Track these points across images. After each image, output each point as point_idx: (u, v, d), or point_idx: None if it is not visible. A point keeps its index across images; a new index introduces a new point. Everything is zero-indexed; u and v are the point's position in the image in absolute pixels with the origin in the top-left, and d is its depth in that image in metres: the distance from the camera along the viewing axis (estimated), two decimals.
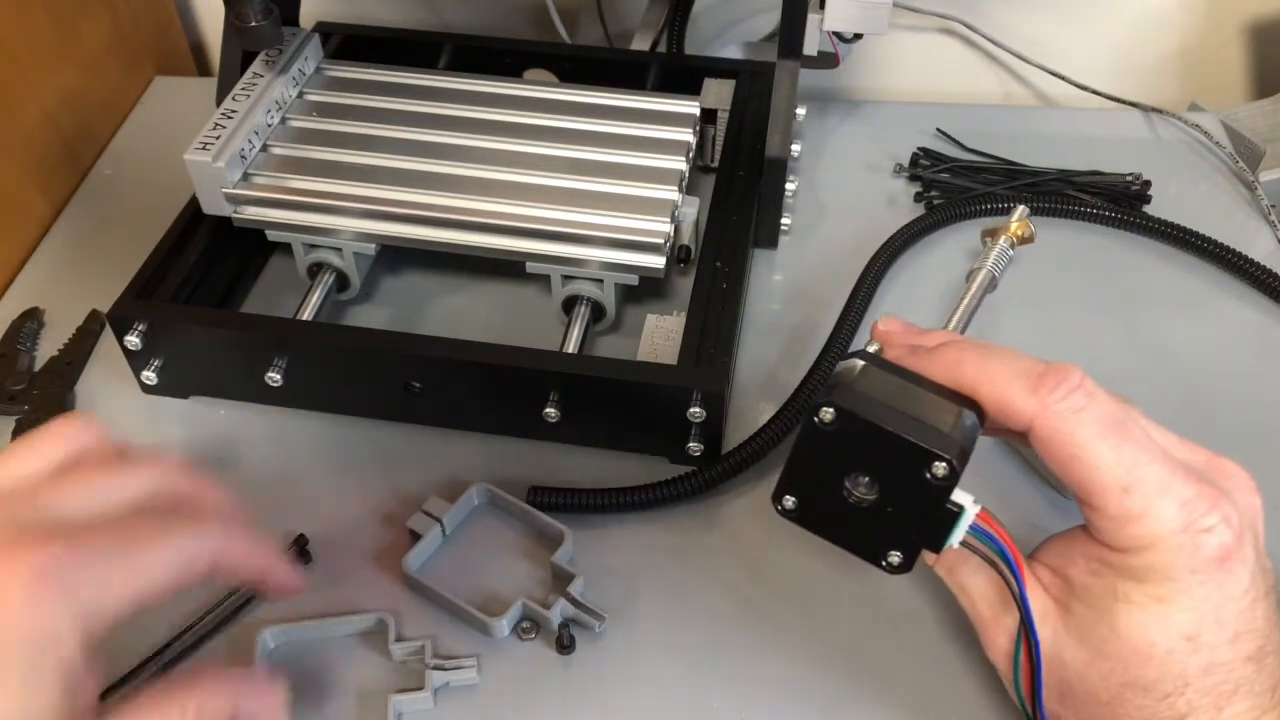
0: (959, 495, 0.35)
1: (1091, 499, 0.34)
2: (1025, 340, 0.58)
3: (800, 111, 0.61)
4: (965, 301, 0.51)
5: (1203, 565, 0.33)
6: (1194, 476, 0.34)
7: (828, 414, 0.35)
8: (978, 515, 0.35)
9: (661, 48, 0.71)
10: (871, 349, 0.39)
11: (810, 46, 0.59)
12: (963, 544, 0.36)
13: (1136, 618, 0.34)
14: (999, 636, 0.39)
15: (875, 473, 0.35)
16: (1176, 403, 0.54)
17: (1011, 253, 0.56)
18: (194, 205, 0.57)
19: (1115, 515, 0.34)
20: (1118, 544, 0.34)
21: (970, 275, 0.55)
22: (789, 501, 0.38)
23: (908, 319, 0.43)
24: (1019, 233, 0.58)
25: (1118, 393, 0.35)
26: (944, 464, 0.33)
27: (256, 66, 0.60)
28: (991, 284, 0.54)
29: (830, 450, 0.35)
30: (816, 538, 0.38)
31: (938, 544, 0.36)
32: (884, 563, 0.37)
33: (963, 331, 0.50)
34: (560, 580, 0.47)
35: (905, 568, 0.36)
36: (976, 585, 0.39)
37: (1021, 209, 0.58)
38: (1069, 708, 0.36)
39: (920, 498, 0.34)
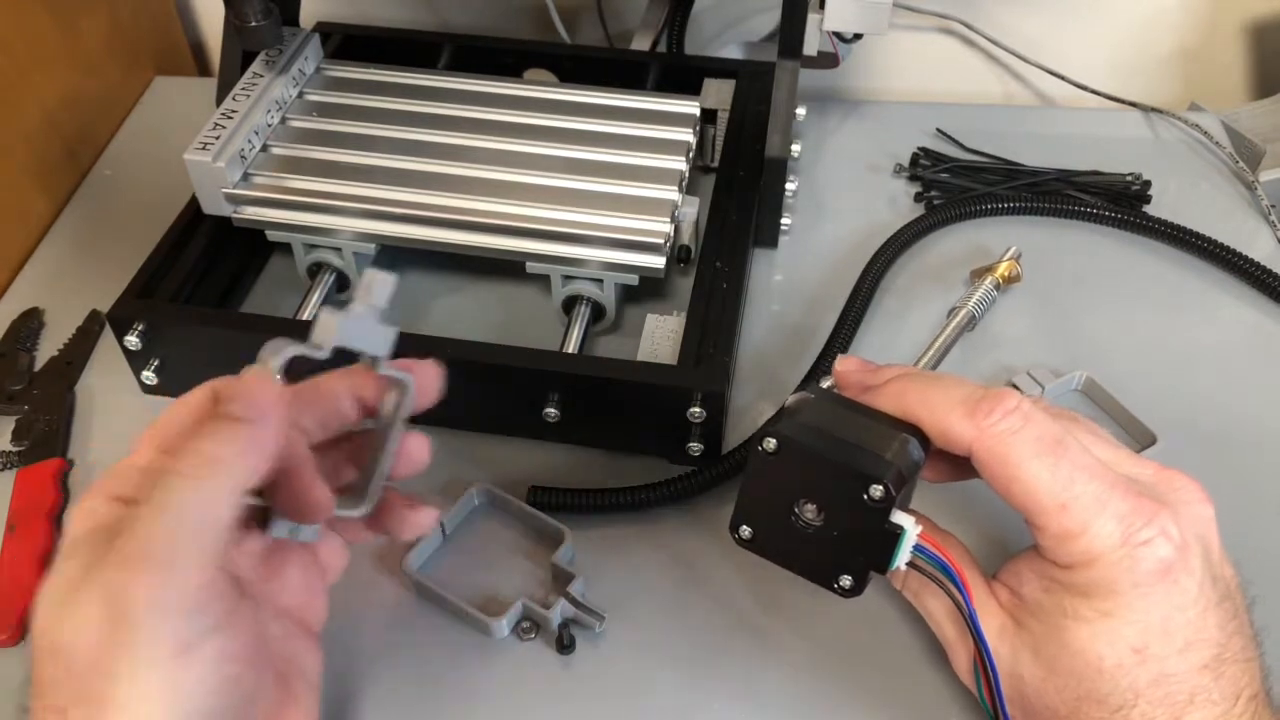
0: (899, 517, 0.36)
1: (1033, 518, 0.35)
2: (1025, 340, 0.58)
3: (800, 111, 0.61)
4: (940, 339, 0.53)
5: (1144, 579, 0.34)
6: (1133, 491, 0.35)
7: (770, 443, 0.37)
8: (919, 535, 0.36)
9: (661, 48, 0.71)
10: (826, 384, 0.41)
11: (810, 46, 0.59)
12: (909, 565, 0.37)
13: (1085, 633, 0.35)
14: (962, 656, 0.40)
15: (819, 498, 0.37)
16: (1176, 402, 0.54)
17: (995, 294, 0.58)
18: (194, 205, 0.57)
19: (1056, 533, 0.35)
20: (1062, 561, 0.35)
21: (951, 313, 0.56)
22: (745, 531, 0.39)
23: (906, 320, 0.44)
24: (1006, 273, 0.59)
25: (1117, 389, 0.36)
26: (879, 486, 0.35)
27: (256, 66, 0.60)
28: (971, 323, 0.56)
29: (777, 478, 0.37)
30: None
31: (884, 565, 0.37)
32: (836, 586, 0.38)
33: (934, 368, 0.51)
34: (560, 580, 0.47)
35: (856, 591, 0.38)
36: (939, 607, 0.40)
37: (1013, 250, 0.60)
38: None
39: (862, 521, 0.36)
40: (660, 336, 0.56)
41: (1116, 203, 0.66)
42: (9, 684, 0.45)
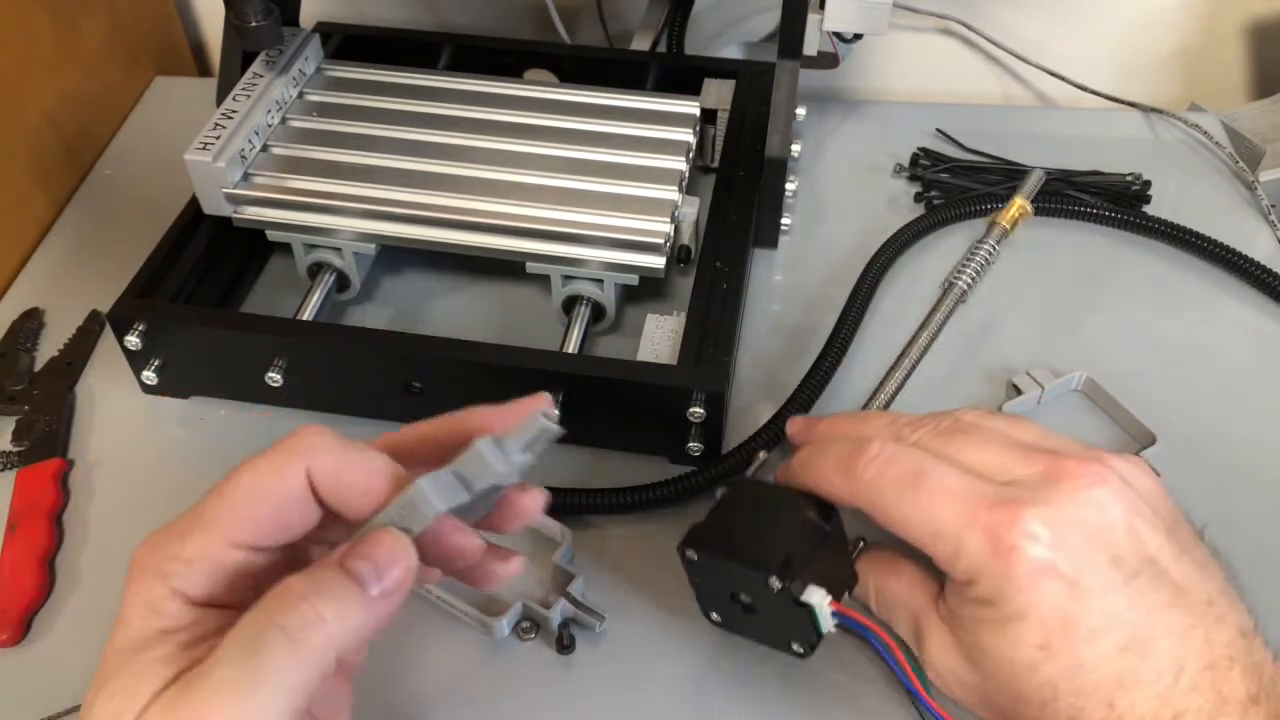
0: (808, 594, 0.39)
1: (924, 549, 0.37)
2: (1026, 340, 0.58)
3: (800, 111, 0.61)
4: (934, 320, 0.54)
5: (1025, 582, 0.35)
6: (996, 500, 0.36)
7: (691, 554, 0.41)
8: (832, 605, 0.39)
9: (661, 48, 0.71)
10: (761, 456, 0.48)
11: (810, 46, 0.59)
12: (837, 628, 0.40)
13: (995, 640, 0.36)
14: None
15: (744, 589, 0.41)
16: (1176, 402, 0.54)
17: (995, 252, 0.57)
18: (194, 205, 0.57)
19: (941, 559, 0.37)
20: (959, 579, 0.37)
21: (945, 286, 0.56)
22: (714, 616, 0.44)
23: (905, 320, 0.44)
24: (1016, 216, 0.58)
25: (1117, 389, 0.36)
26: (775, 578, 0.39)
27: (257, 66, 0.60)
28: (962, 297, 0.56)
29: (709, 577, 0.42)
30: None
31: (814, 636, 0.40)
32: (793, 650, 0.42)
33: (925, 351, 0.52)
34: (560, 580, 0.47)
35: (810, 652, 0.42)
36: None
37: (1037, 176, 0.59)
38: None
39: (778, 603, 0.40)
40: (660, 336, 0.56)
41: (1116, 203, 0.66)
42: (9, 684, 0.45)
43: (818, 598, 0.39)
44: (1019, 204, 0.58)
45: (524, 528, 0.39)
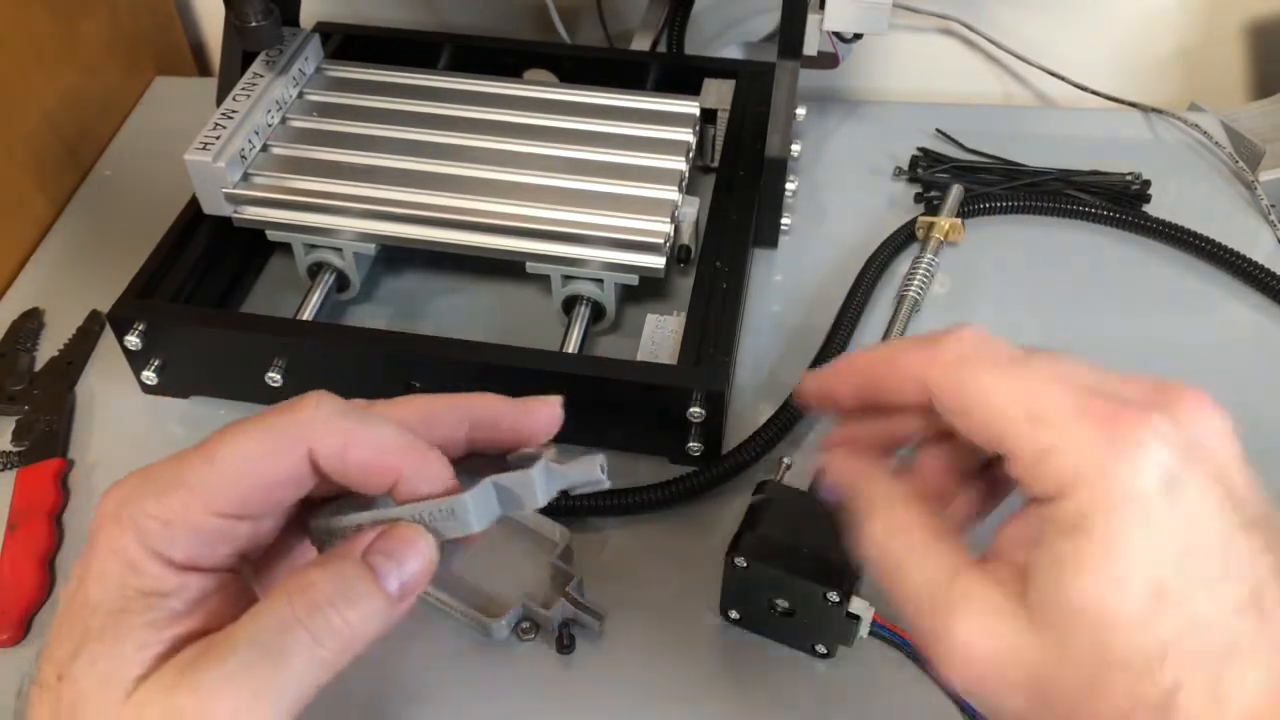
0: (855, 605, 0.42)
1: (1002, 444, 0.30)
2: (1026, 340, 0.57)
3: (800, 111, 0.61)
4: (895, 328, 0.57)
5: (1145, 493, 0.27)
6: (1116, 398, 0.30)
7: (741, 561, 0.42)
8: (873, 617, 0.42)
9: (661, 48, 0.71)
10: (785, 462, 0.47)
11: (810, 46, 0.59)
12: (870, 634, 0.43)
13: (1089, 583, 0.27)
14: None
15: (788, 597, 0.43)
16: None
17: (936, 263, 0.62)
18: (194, 205, 0.57)
19: (1030, 453, 0.29)
20: (1046, 490, 0.29)
21: (898, 300, 0.58)
22: (734, 614, 0.46)
23: None
24: (946, 232, 0.63)
25: None
26: (835, 592, 0.41)
27: (256, 66, 0.60)
28: (915, 306, 0.60)
29: (749, 581, 0.43)
30: None
31: (848, 641, 0.44)
32: (814, 650, 0.45)
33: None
34: (560, 580, 0.47)
35: (831, 654, 0.45)
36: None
37: (953, 195, 0.64)
38: (1054, 714, 0.29)
39: (824, 612, 0.42)
40: (660, 336, 0.56)
41: (1116, 203, 0.66)
42: (9, 684, 0.45)
43: (864, 609, 0.42)
44: (946, 223, 0.63)
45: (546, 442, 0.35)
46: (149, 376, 0.54)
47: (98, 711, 0.28)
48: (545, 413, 0.34)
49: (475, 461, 0.34)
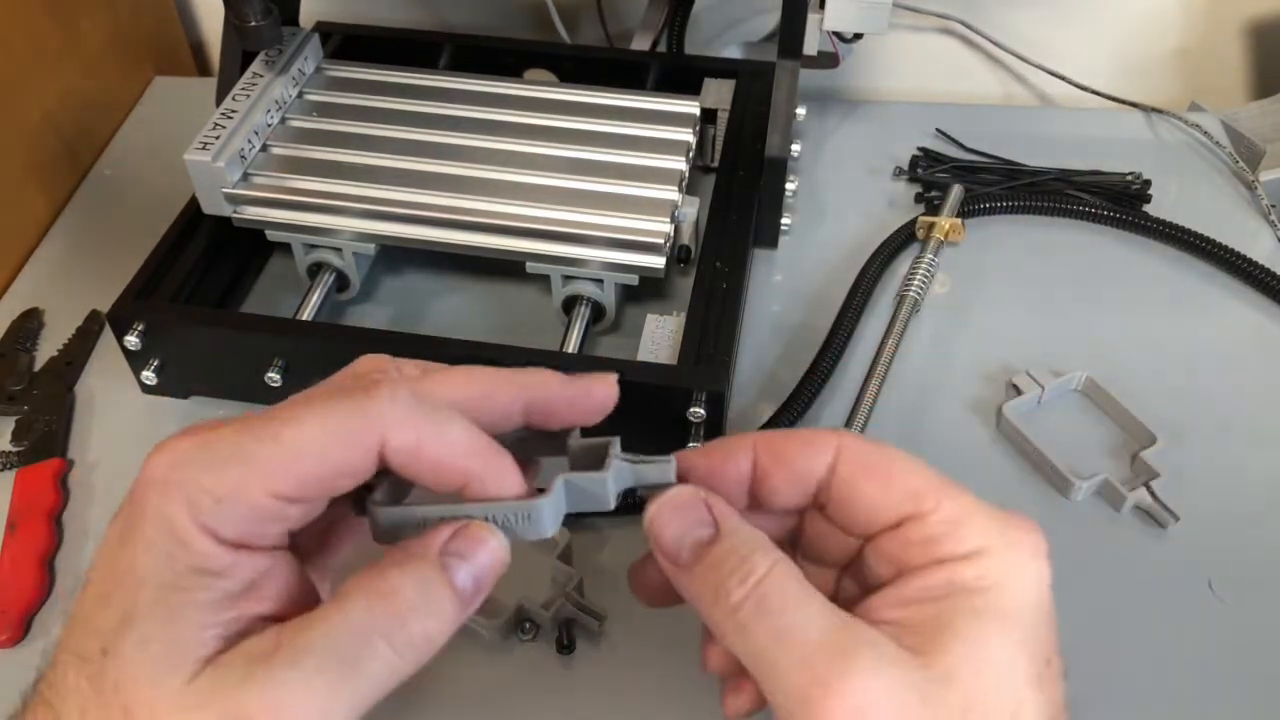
0: None
1: (923, 503, 0.31)
2: (1025, 340, 0.58)
3: (800, 111, 0.61)
4: (892, 339, 0.57)
5: (1044, 588, 0.31)
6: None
7: None
8: None
9: (661, 48, 0.71)
10: None
11: (810, 46, 0.59)
12: None
13: (1005, 637, 0.29)
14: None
15: None
16: (1176, 402, 0.54)
17: (936, 264, 0.61)
18: (194, 205, 0.57)
19: (955, 511, 0.30)
20: (967, 549, 0.30)
21: (898, 300, 0.58)
22: None
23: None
24: (947, 232, 0.63)
25: (1117, 389, 0.35)
26: None
27: (256, 66, 0.60)
28: (915, 306, 0.58)
29: None
30: None
31: None
32: None
33: (893, 357, 0.56)
34: (560, 580, 0.47)
35: None
36: None
37: (954, 194, 0.64)
38: None
39: None
40: (660, 336, 0.56)
41: (1116, 203, 0.66)
42: (9, 684, 0.45)
43: None
44: (946, 223, 0.62)
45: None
46: (148, 376, 0.54)
47: (151, 693, 0.26)
48: (601, 392, 0.34)
49: (525, 434, 0.34)
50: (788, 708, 0.28)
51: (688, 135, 0.60)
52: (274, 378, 0.52)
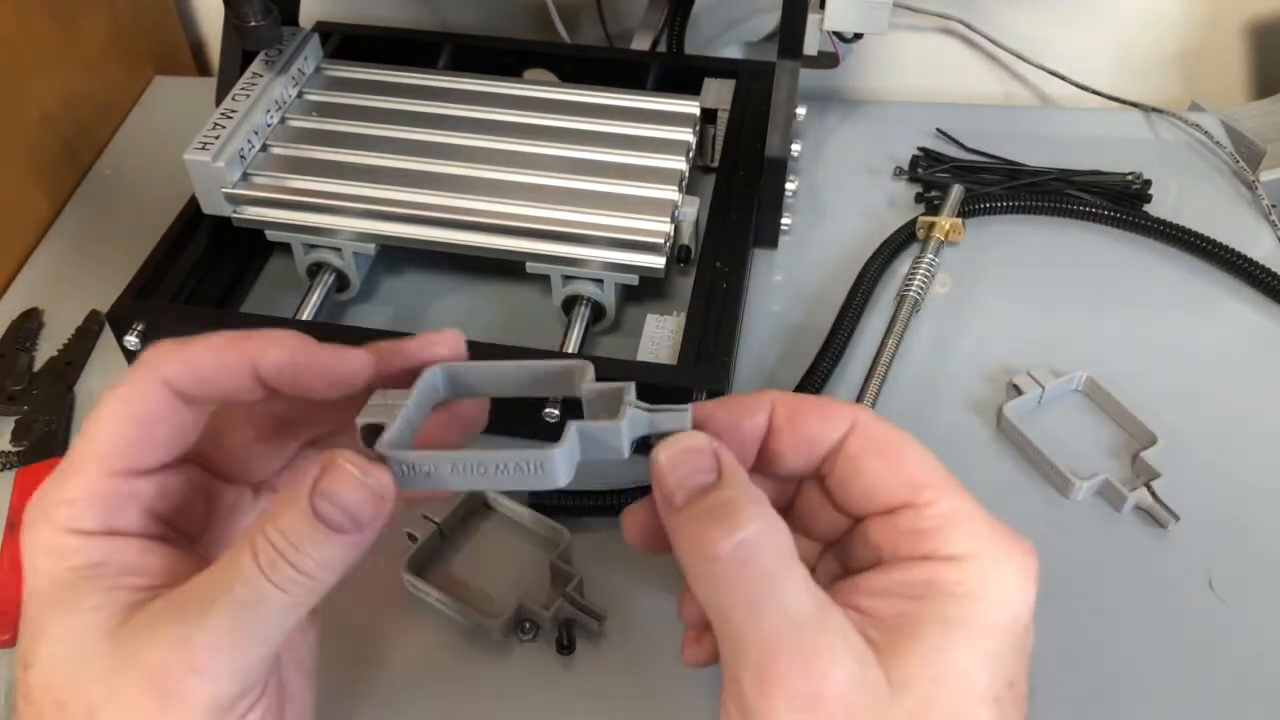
0: None
1: (922, 495, 0.31)
2: (1026, 340, 0.58)
3: (800, 111, 0.61)
4: (892, 339, 0.57)
5: (1029, 606, 0.31)
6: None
7: None
8: None
9: (661, 48, 0.71)
10: None
11: (810, 46, 0.59)
12: None
13: (971, 648, 0.29)
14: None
15: None
16: (1176, 402, 0.54)
17: (937, 263, 0.61)
18: (194, 205, 0.57)
19: (951, 510, 0.30)
20: (954, 551, 0.30)
21: (899, 300, 0.58)
22: None
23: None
24: (947, 231, 0.63)
25: (1117, 389, 0.35)
26: None
27: (256, 66, 0.60)
28: (916, 306, 0.58)
29: None
30: None
31: None
32: None
33: (893, 357, 0.56)
34: (560, 580, 0.47)
35: None
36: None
37: (954, 195, 0.64)
38: None
39: None
40: (660, 336, 0.56)
41: (1117, 203, 0.66)
42: (9, 684, 0.45)
43: None
44: (947, 223, 0.62)
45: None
46: None
47: (73, 680, 0.29)
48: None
49: (537, 375, 0.34)
50: (738, 674, 0.28)
51: (688, 135, 0.60)
52: None
